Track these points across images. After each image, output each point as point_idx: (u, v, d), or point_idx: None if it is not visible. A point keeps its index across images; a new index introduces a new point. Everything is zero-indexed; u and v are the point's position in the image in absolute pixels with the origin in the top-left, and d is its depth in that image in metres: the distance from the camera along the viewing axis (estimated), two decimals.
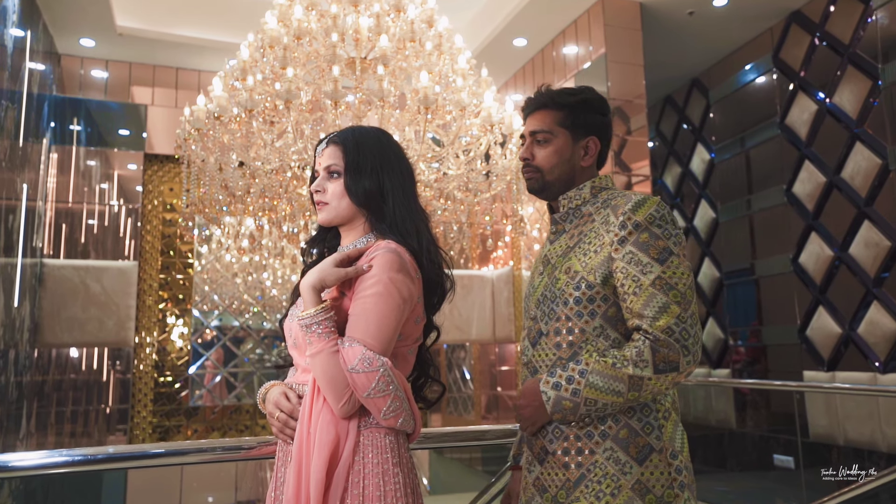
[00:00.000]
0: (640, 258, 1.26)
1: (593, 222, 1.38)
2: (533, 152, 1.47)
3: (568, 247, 1.41)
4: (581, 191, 1.46)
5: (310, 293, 1.25)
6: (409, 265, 1.30)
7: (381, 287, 1.24)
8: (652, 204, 1.32)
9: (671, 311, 1.23)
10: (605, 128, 1.50)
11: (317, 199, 1.40)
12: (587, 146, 1.46)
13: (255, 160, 3.32)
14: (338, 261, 1.28)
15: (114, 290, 5.45)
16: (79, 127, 5.96)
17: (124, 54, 5.81)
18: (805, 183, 5.18)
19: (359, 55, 3.32)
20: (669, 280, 1.25)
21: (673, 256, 1.26)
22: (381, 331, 1.22)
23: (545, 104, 1.47)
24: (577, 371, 1.28)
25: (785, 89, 5.46)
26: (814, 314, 5.08)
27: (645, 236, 1.27)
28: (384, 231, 1.37)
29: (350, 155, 1.37)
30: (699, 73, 6.58)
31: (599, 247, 1.33)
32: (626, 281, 1.27)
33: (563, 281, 1.36)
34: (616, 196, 1.40)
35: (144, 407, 5.66)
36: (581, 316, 1.33)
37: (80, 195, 5.95)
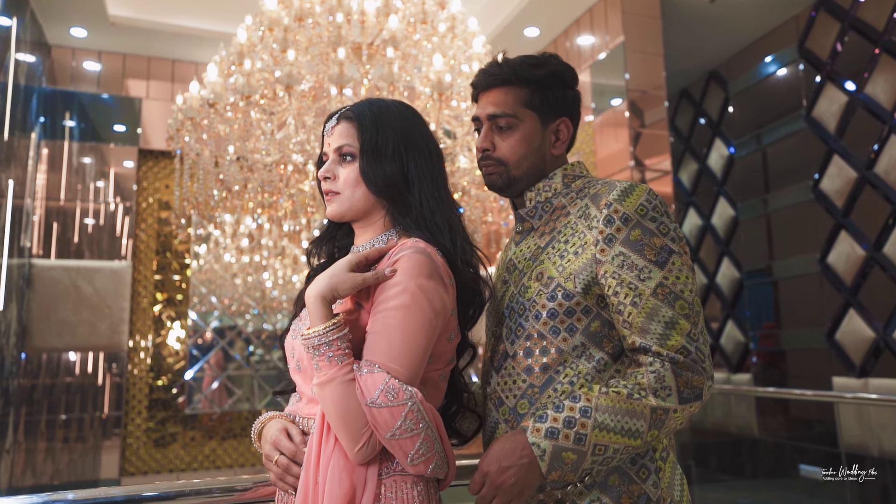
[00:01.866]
0: (635, 261, 1.04)
1: (568, 216, 1.15)
2: (493, 141, 1.20)
3: (538, 248, 1.17)
4: (551, 181, 1.21)
5: (318, 305, 0.99)
6: (442, 269, 1.04)
7: (408, 297, 0.98)
8: (642, 192, 1.09)
9: (681, 327, 1.02)
10: (575, 105, 1.25)
11: (325, 187, 1.13)
12: (558, 130, 1.22)
13: (253, 153, 3.06)
14: (353, 264, 1.02)
15: (106, 291, 5.20)
16: (71, 122, 5.71)
17: (118, 45, 5.56)
18: (834, 178, 4.91)
19: (365, 41, 3.06)
20: (673, 287, 1.03)
21: (674, 257, 1.05)
22: (408, 353, 0.96)
23: (507, 80, 1.19)
24: (577, 410, 1.00)
25: (811, 80, 5.20)
26: (844, 317, 4.81)
27: (637, 233, 1.06)
28: (409, 227, 1.10)
29: (367, 133, 1.11)
30: (717, 65, 6.32)
31: (580, 247, 1.09)
32: (621, 289, 1.04)
33: (534, 290, 1.11)
34: (594, 184, 1.17)
35: (139, 414, 5.41)
36: (557, 332, 1.08)
37: (72, 193, 5.70)
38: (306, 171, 2.94)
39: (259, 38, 3.01)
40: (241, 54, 2.87)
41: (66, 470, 5.52)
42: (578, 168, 1.24)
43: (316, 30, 3.02)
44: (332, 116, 1.17)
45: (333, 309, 1.02)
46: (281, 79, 2.63)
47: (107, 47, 5.59)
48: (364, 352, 0.98)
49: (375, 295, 1.01)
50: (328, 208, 1.14)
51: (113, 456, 5.38)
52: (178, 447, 5.42)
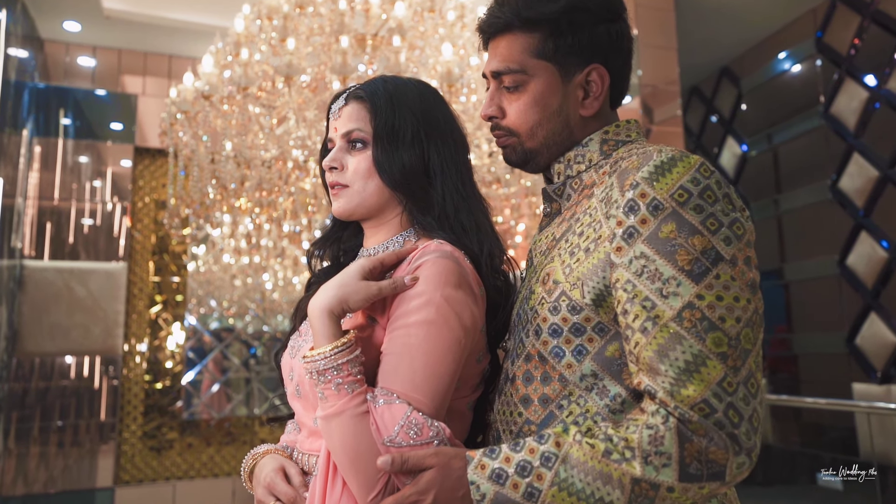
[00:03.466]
0: (660, 267, 0.76)
1: (591, 198, 0.88)
2: (501, 104, 0.95)
3: (554, 238, 0.93)
4: (585, 148, 0.93)
5: (324, 321, 0.82)
6: (472, 277, 0.88)
7: (433, 311, 0.81)
8: (686, 167, 0.79)
9: (708, 371, 0.73)
10: (614, 43, 0.93)
11: (331, 179, 0.96)
12: (588, 82, 0.92)
13: (251, 148, 2.89)
14: (366, 271, 0.85)
15: (101, 293, 5.03)
16: (66, 119, 5.54)
17: (113, 40, 5.39)
18: (854, 177, 4.75)
19: (369, 31, 2.89)
20: (709, 312, 0.74)
21: (722, 266, 0.75)
22: (433, 379, 0.80)
23: (509, 24, 0.92)
24: (538, 455, 0.75)
25: (829, 76, 5.03)
26: (864, 321, 4.65)
27: (671, 227, 0.76)
28: (430, 226, 0.93)
29: (381, 115, 0.94)
30: (729, 61, 6.16)
31: (593, 242, 0.83)
32: (631, 307, 0.77)
33: (538, 297, 0.87)
34: (633, 154, 0.86)
35: (134, 420, 5.24)
36: (560, 356, 0.83)
37: (67, 192, 5.53)
38: (307, 168, 2.78)
39: (258, 28, 2.85)
40: (237, 44, 2.71)
41: (60, 477, 5.35)
42: (625, 130, 0.94)
43: (317, 19, 2.85)
44: (339, 96, 1.00)
45: (343, 324, 0.85)
46: (280, 69, 2.47)
47: (102, 42, 5.42)
48: (379, 377, 0.81)
49: (393, 308, 0.85)
50: (334, 204, 0.97)
51: (108, 462, 5.21)
52: (174, 454, 5.26)
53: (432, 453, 0.75)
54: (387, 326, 0.85)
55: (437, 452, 0.75)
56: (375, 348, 0.85)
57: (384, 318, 0.86)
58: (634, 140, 0.94)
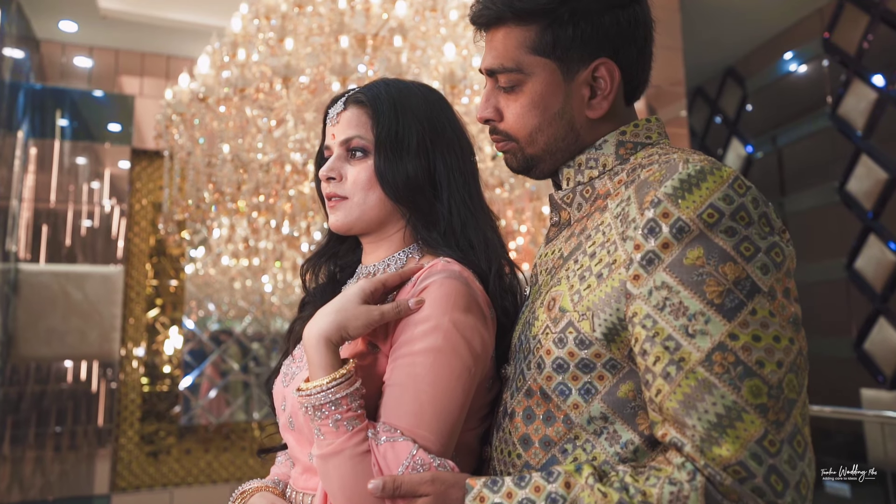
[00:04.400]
0: (685, 300, 0.65)
1: (604, 212, 0.78)
2: (498, 106, 0.84)
3: (561, 256, 0.82)
4: (599, 151, 0.83)
5: (321, 350, 0.74)
6: (481, 299, 0.80)
7: (441, 337, 0.74)
8: (717, 183, 0.67)
9: (745, 426, 0.62)
10: (625, 32, 0.81)
11: (329, 190, 0.89)
12: (595, 78, 0.81)
13: (248, 151, 2.82)
14: (367, 293, 0.78)
15: (97, 297, 4.96)
16: (63, 120, 5.47)
17: (110, 40, 5.32)
18: (862, 179, 4.67)
19: (369, 31, 2.82)
20: (745, 355, 0.63)
21: (758, 299, 0.65)
22: (441, 413, 0.73)
23: (500, 17, 0.82)
24: (544, 494, 0.66)
25: (837, 76, 4.96)
26: (873, 326, 4.57)
27: (697, 253, 0.66)
28: (435, 242, 0.86)
29: (384, 121, 0.86)
30: (734, 62, 6.08)
31: (606, 267, 0.73)
32: (651, 347, 0.67)
33: (541, 324, 0.77)
34: (654, 162, 0.77)
35: (131, 426, 5.17)
36: (566, 394, 0.73)
37: (64, 194, 5.46)
38: (306, 172, 2.71)
39: (256, 28, 2.78)
40: (234, 45, 2.64)
41: (56, 482, 5.28)
42: (645, 131, 0.83)
43: (316, 19, 2.78)
44: (337, 100, 0.93)
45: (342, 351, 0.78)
46: (278, 70, 2.39)
47: (98, 42, 5.35)
48: (382, 411, 0.74)
49: (396, 334, 0.77)
50: (331, 217, 0.89)
51: (105, 469, 5.14)
52: (172, 460, 5.18)
53: (428, 480, 0.68)
54: (389, 354, 0.78)
55: (434, 479, 0.68)
56: (377, 378, 0.78)
57: (386, 345, 0.79)
58: (656, 142, 0.84)
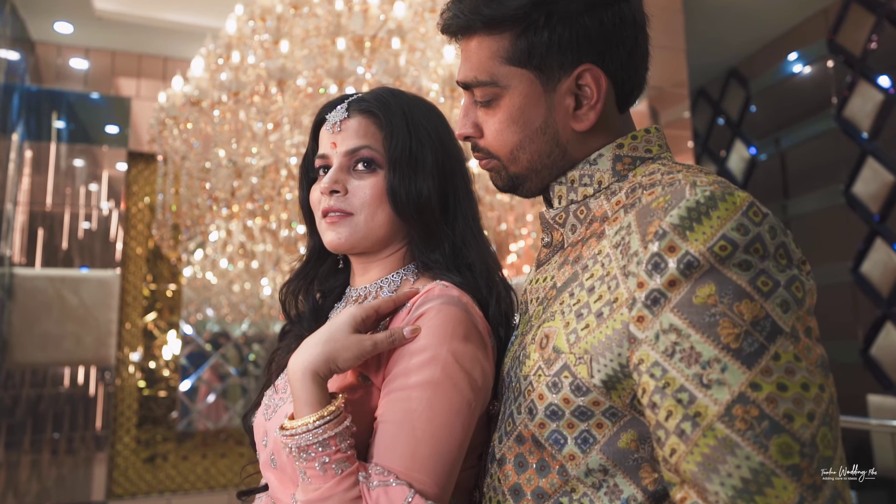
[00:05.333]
0: (697, 345, 0.58)
1: (601, 239, 0.70)
2: (477, 122, 0.78)
3: (554, 286, 0.74)
4: (594, 167, 0.75)
5: (306, 385, 0.68)
6: (482, 326, 0.74)
7: (439, 370, 0.68)
8: (730, 211, 0.60)
9: (777, 493, 0.54)
10: (613, 32, 0.73)
11: (328, 204, 0.81)
12: (579, 87, 0.74)
13: (244, 156, 2.76)
14: (359, 321, 0.71)
15: (93, 302, 4.90)
16: (60, 122, 5.41)
17: (106, 41, 5.26)
18: (868, 182, 4.61)
19: (367, 33, 2.75)
20: (770, 407, 0.55)
21: (781, 340, 0.57)
22: (439, 454, 0.66)
23: (469, 26, 0.75)
24: None
25: (842, 77, 4.89)
26: (880, 331, 4.50)
27: (709, 291, 0.58)
28: (436, 264, 0.80)
29: (399, 137, 0.81)
30: (737, 63, 6.02)
31: (606, 305, 0.65)
32: (663, 400, 0.59)
33: (533, 363, 0.69)
34: (656, 183, 0.69)
35: (127, 432, 5.11)
36: (561, 444, 0.66)
37: (60, 197, 5.40)
38: None
39: (251, 30, 2.72)
40: (229, 47, 2.58)
41: (53, 488, 5.22)
42: (644, 143, 0.76)
43: (313, 20, 2.72)
44: (334, 105, 0.86)
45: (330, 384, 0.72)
46: (273, 72, 2.33)
47: (94, 43, 5.29)
48: (374, 451, 0.68)
49: (390, 364, 0.71)
50: (331, 234, 0.82)
51: (101, 475, 5.08)
52: (168, 466, 5.12)
53: None
54: (382, 387, 0.71)
55: None
56: (368, 414, 0.71)
57: (379, 378, 0.73)
58: (657, 156, 0.76)
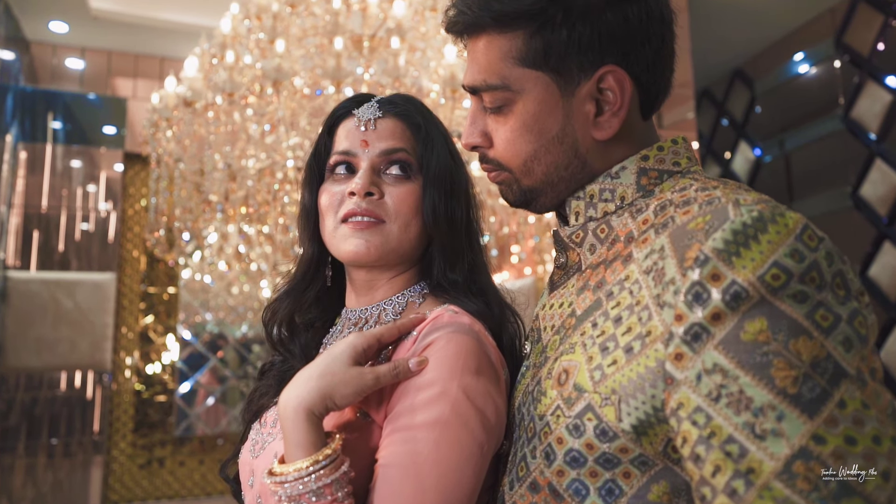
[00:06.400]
0: (746, 388, 0.50)
1: (629, 263, 0.62)
2: (485, 130, 0.70)
3: (573, 313, 0.66)
4: (616, 180, 0.68)
5: (299, 425, 0.61)
6: (494, 356, 0.67)
7: (448, 407, 0.61)
8: (782, 233, 0.53)
9: None
10: (639, 29, 0.66)
11: (362, 207, 0.74)
12: (601, 92, 0.66)
13: (239, 158, 2.69)
14: (359, 352, 0.64)
15: (88, 305, 4.83)
16: (56, 123, 5.34)
17: (102, 41, 5.19)
18: (877, 184, 4.53)
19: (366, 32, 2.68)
20: (836, 464, 0.47)
21: (846, 384, 0.49)
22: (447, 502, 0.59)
23: (478, 23, 0.67)
24: None
25: (849, 77, 4.82)
26: (889, 335, 4.42)
27: (759, 326, 0.51)
28: (453, 288, 0.74)
29: (437, 148, 0.76)
30: (742, 63, 5.94)
31: (638, 340, 0.57)
32: (708, 452, 0.51)
33: (550, 401, 0.62)
34: (689, 198, 0.61)
35: (123, 438, 5.04)
36: (582, 495, 0.58)
37: (56, 199, 5.33)
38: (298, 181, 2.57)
39: (247, 29, 2.64)
40: (223, 46, 2.50)
41: (49, 494, 5.15)
42: (672, 155, 0.68)
43: (310, 19, 2.64)
44: (360, 101, 0.79)
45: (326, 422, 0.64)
46: (268, 73, 2.26)
47: (90, 43, 5.23)
48: (375, 498, 0.60)
49: (394, 400, 0.64)
50: (354, 242, 0.73)
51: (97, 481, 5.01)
52: (165, 472, 5.05)
53: None
54: (385, 425, 0.64)
55: None
56: (369, 455, 0.64)
57: (381, 414, 0.65)
58: (686, 170, 0.68)
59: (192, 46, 5.29)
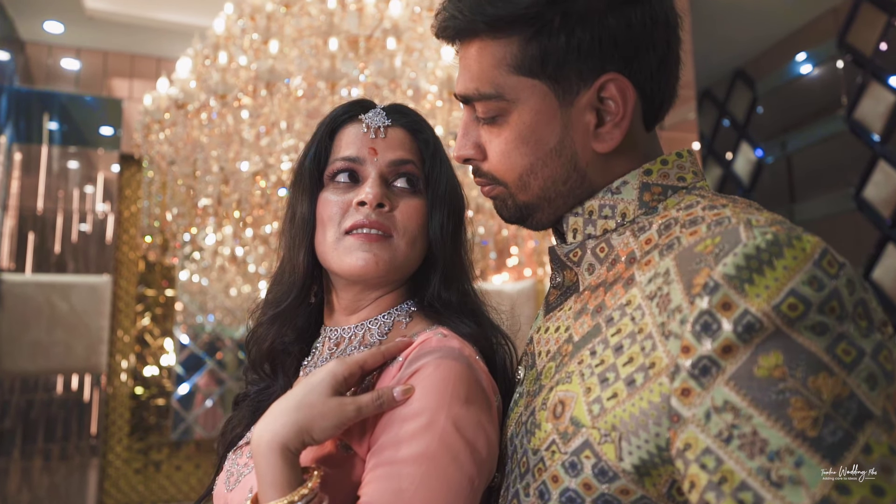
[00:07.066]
0: (760, 429, 0.45)
1: (631, 286, 0.57)
2: (479, 141, 0.66)
3: (569, 338, 0.61)
4: (617, 196, 0.64)
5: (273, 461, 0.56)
6: (486, 382, 0.63)
7: (435, 440, 0.56)
8: (799, 259, 0.48)
9: None
10: (643, 34, 0.61)
11: (369, 219, 0.69)
12: (602, 101, 0.62)
13: (234, 161, 2.64)
14: (340, 381, 0.59)
15: (84, 308, 4.78)
16: (53, 123, 5.30)
17: (98, 41, 5.15)
18: (880, 186, 4.48)
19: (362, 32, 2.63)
20: None
21: (871, 426, 0.45)
22: None
23: (470, 28, 0.63)
24: None
25: (852, 78, 4.77)
26: None
27: (774, 361, 0.46)
28: (447, 308, 0.70)
29: (444, 165, 0.74)
30: (744, 63, 5.90)
31: (640, 372, 0.53)
32: (719, 499, 0.46)
33: (545, 435, 0.57)
34: (696, 217, 0.56)
35: (119, 442, 4.99)
36: None
37: (52, 201, 5.28)
38: None
39: (241, 29, 2.60)
40: (216, 47, 2.46)
41: (45, 498, 5.11)
42: (676, 169, 0.64)
43: (305, 19, 2.60)
44: (365, 107, 0.76)
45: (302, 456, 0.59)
46: (262, 74, 2.21)
47: (86, 43, 5.18)
48: None
49: (378, 431, 0.60)
50: (361, 256, 0.68)
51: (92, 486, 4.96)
52: (161, 477, 5.01)
53: None
54: (368, 458, 0.59)
55: None
56: (350, 491, 0.60)
57: (363, 446, 0.61)
58: (691, 186, 0.63)
59: (188, 47, 5.25)
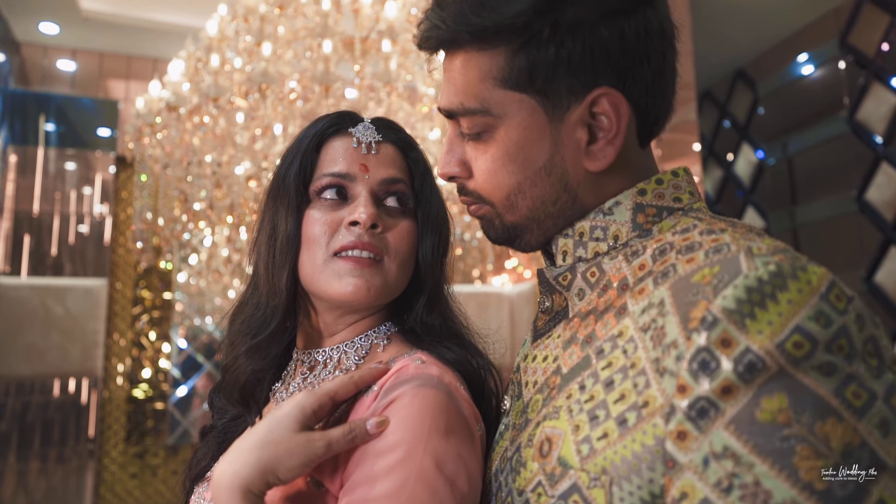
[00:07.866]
0: (763, 479, 0.42)
1: (623, 317, 0.54)
2: (464, 158, 0.62)
3: (557, 370, 0.58)
4: (609, 217, 0.60)
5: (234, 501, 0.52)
6: (468, 411, 0.59)
7: (413, 476, 0.52)
8: (805, 291, 0.45)
9: None
10: (637, 46, 0.57)
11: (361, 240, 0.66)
12: (593, 115, 0.58)
13: (228, 164, 2.60)
14: (308, 414, 0.56)
15: (79, 312, 4.75)
16: (49, 125, 5.26)
17: (94, 42, 5.11)
18: (882, 188, 4.44)
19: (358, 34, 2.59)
20: None
21: (886, 479, 0.41)
22: None
23: (454, 39, 0.59)
24: None
25: (854, 79, 4.73)
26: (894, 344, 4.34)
27: (778, 404, 0.43)
28: (429, 333, 0.67)
29: (433, 186, 0.72)
30: (745, 64, 5.86)
31: (633, 410, 0.49)
32: None
33: (531, 477, 0.53)
34: (694, 243, 0.53)
35: (114, 447, 4.95)
36: None
37: (49, 203, 5.25)
38: None
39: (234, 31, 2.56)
40: (209, 49, 2.42)
41: (41, 501, 5.07)
42: (671, 190, 0.60)
43: (300, 20, 2.56)
44: (354, 120, 0.71)
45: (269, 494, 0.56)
46: (254, 76, 2.17)
47: (82, 44, 5.15)
48: None
49: (351, 465, 0.56)
50: (352, 282, 0.65)
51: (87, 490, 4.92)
52: (157, 482, 4.97)
53: None
54: (340, 496, 0.55)
55: None
56: None
57: (335, 483, 0.57)
58: (687, 207, 0.59)
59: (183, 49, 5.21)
